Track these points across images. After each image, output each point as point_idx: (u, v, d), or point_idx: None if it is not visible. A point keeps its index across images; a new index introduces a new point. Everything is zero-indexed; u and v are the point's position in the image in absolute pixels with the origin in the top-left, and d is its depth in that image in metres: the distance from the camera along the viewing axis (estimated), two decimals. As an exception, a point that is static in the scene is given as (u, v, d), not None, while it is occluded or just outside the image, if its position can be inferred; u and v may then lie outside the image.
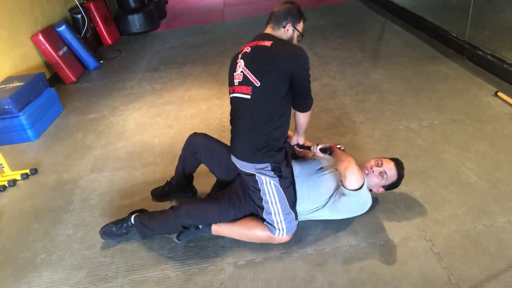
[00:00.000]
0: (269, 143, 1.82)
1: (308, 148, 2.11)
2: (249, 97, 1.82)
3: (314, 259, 1.87)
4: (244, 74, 1.84)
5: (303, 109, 1.96)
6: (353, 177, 1.81)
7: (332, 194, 1.93)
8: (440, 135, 2.66)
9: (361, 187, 1.84)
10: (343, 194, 1.86)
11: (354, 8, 5.83)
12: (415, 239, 1.90)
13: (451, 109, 2.94)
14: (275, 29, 1.91)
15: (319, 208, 1.98)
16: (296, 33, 1.93)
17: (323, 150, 2.01)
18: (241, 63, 1.86)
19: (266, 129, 1.81)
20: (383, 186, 2.00)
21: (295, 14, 1.90)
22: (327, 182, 1.96)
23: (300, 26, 1.93)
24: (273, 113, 1.81)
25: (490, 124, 2.71)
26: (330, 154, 1.98)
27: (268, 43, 1.83)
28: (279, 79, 1.80)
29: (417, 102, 3.09)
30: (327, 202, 1.95)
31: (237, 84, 1.87)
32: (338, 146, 2.00)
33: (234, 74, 1.89)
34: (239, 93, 1.86)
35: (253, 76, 1.81)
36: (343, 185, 1.85)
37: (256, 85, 1.80)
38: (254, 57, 1.84)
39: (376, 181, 1.97)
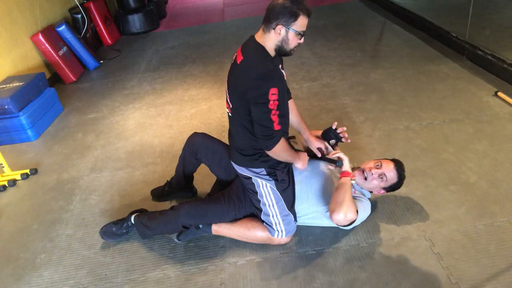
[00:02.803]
0: (260, 151, 1.81)
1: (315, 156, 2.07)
2: (231, 115, 1.83)
3: (314, 259, 1.87)
4: (226, 91, 1.83)
5: (263, 147, 1.74)
6: (339, 222, 1.80)
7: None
8: (440, 135, 2.66)
9: (351, 223, 1.84)
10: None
11: (354, 8, 5.83)
12: (415, 239, 1.90)
13: (451, 109, 2.94)
14: (265, 31, 1.65)
15: (318, 215, 1.97)
16: (291, 34, 1.63)
17: (331, 161, 1.97)
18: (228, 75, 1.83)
19: (251, 142, 1.80)
20: (384, 188, 1.99)
21: (289, 11, 1.58)
22: (327, 187, 1.95)
23: (298, 25, 1.61)
24: (249, 131, 1.77)
25: (490, 124, 2.71)
26: (340, 166, 1.94)
27: (239, 59, 1.69)
28: (245, 105, 1.68)
29: (417, 102, 3.09)
30: (326, 212, 1.95)
31: (226, 98, 1.87)
32: (353, 179, 1.90)
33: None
34: (226, 107, 1.87)
35: (228, 97, 1.80)
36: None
37: (230, 106, 1.79)
38: (230, 76, 1.78)
39: (376, 183, 1.96)
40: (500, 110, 2.85)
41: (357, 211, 1.82)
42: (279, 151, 1.74)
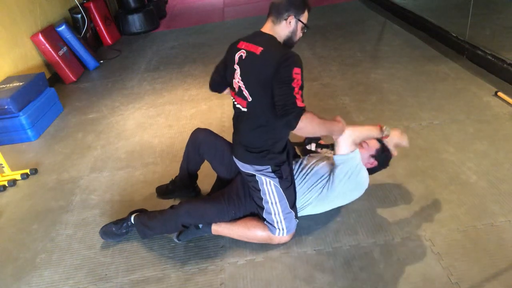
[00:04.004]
0: (268, 149, 1.81)
1: (309, 150, 2.09)
2: (245, 110, 1.80)
3: (314, 259, 1.87)
4: (239, 86, 1.79)
5: (287, 126, 1.65)
6: (341, 140, 1.83)
7: (327, 179, 1.92)
8: (440, 135, 2.66)
9: (351, 154, 1.85)
10: (336, 166, 1.87)
11: (354, 8, 5.83)
12: (415, 239, 1.90)
13: (451, 109, 2.94)
14: (275, 22, 1.74)
15: (320, 202, 1.97)
16: (299, 25, 1.76)
17: (326, 146, 2.00)
18: (237, 70, 1.79)
19: (263, 137, 1.79)
20: (373, 157, 1.99)
21: (299, 4, 1.73)
22: (321, 168, 1.96)
23: (304, 17, 1.76)
24: (268, 125, 1.76)
25: (490, 124, 2.71)
26: (332, 150, 1.97)
27: (258, 50, 1.70)
28: (269, 93, 1.67)
29: (417, 102, 3.09)
30: (322, 190, 1.94)
31: (235, 93, 1.83)
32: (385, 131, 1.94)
33: (233, 80, 1.82)
34: (237, 103, 1.84)
35: (245, 91, 1.76)
36: (334, 155, 1.86)
37: (249, 100, 1.76)
38: (246, 68, 1.76)
39: (362, 154, 1.95)
40: (500, 110, 2.85)
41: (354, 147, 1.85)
42: (306, 125, 1.65)
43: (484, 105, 2.94)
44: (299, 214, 2.01)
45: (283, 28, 1.75)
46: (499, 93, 3.01)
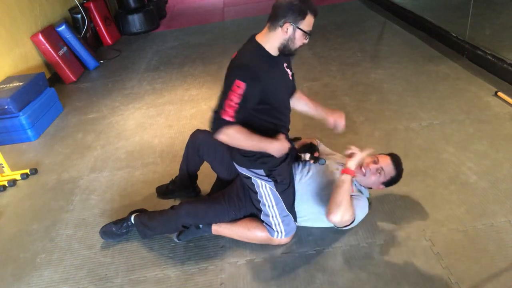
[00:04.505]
0: (260, 153, 1.80)
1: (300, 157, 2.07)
2: None
3: (314, 259, 1.87)
4: None
5: (210, 129, 1.71)
6: (335, 224, 1.82)
7: None
8: (440, 135, 2.66)
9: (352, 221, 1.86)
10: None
11: (354, 8, 5.83)
12: (415, 239, 1.90)
13: (451, 109, 2.94)
14: (270, 29, 1.64)
15: (319, 216, 1.95)
16: (298, 33, 1.63)
17: (315, 159, 1.99)
18: None
19: None
20: (383, 183, 1.99)
21: (298, 9, 1.58)
22: (328, 188, 1.93)
23: (305, 24, 1.62)
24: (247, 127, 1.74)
25: (490, 124, 2.71)
26: (322, 164, 1.97)
27: (233, 56, 1.71)
28: None
29: (417, 102, 3.09)
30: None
31: None
32: (354, 177, 1.91)
33: None
34: None
35: None
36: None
37: None
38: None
39: (374, 179, 1.95)
40: (500, 110, 2.85)
41: (354, 213, 1.83)
42: (228, 138, 1.69)
43: (484, 105, 2.94)
44: (304, 225, 2.01)
45: (278, 36, 1.64)
46: (499, 93, 3.01)
